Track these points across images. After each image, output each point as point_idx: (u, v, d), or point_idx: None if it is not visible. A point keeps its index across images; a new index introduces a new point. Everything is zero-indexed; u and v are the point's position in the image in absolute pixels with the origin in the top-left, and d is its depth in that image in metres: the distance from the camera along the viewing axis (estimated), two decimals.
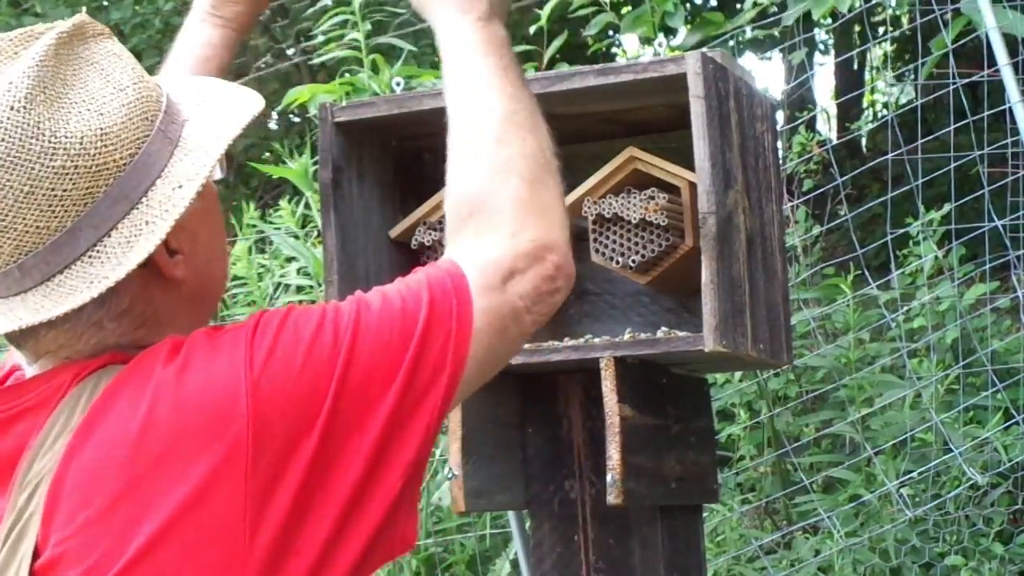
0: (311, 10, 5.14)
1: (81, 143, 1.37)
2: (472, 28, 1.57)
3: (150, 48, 9.34)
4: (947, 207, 4.62)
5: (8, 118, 1.36)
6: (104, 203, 1.38)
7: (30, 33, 1.43)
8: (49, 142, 1.36)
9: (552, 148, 1.56)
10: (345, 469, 1.36)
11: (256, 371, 1.34)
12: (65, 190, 1.36)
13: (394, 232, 2.15)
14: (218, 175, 1.48)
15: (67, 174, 1.36)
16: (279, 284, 4.51)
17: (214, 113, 1.48)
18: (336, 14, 4.26)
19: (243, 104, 1.49)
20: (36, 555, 1.35)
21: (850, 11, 4.24)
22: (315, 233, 4.39)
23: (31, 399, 1.42)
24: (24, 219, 1.36)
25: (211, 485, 1.32)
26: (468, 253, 1.47)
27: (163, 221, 1.39)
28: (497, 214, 1.49)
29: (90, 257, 1.38)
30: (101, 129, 1.38)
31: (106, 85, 1.41)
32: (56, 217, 1.37)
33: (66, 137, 1.37)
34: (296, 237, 4.42)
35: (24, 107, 1.36)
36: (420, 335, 1.40)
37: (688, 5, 9.56)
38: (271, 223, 4.74)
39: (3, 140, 1.35)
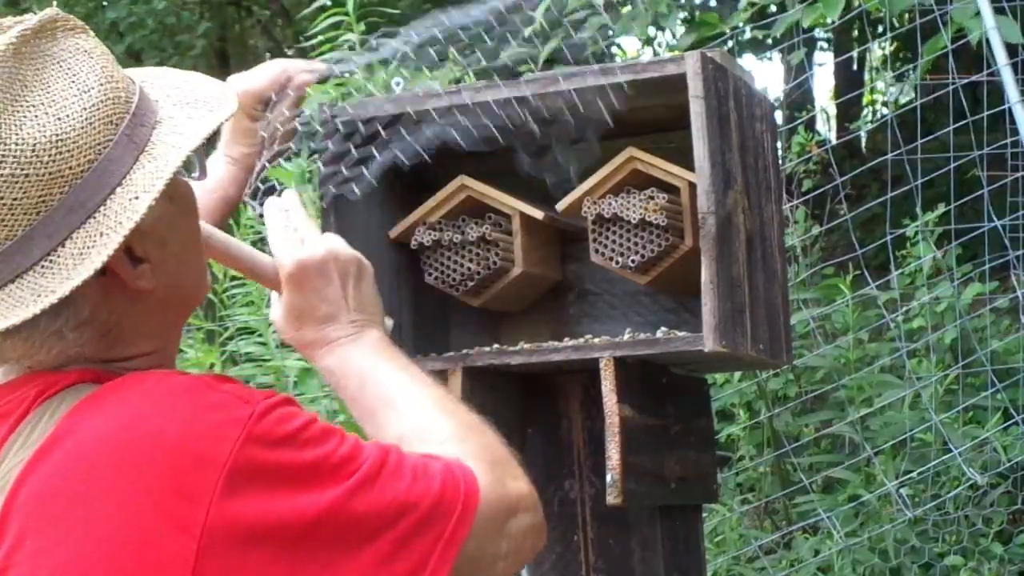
0: (307, 10, 5.13)
1: (33, 150, 1.30)
2: (350, 349, 1.56)
3: (151, 48, 9.34)
4: (941, 207, 4.62)
5: None
6: (59, 212, 1.32)
7: None
8: None
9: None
10: None
11: (241, 460, 1.28)
12: (15, 199, 1.30)
13: (394, 232, 2.15)
14: (193, 175, 1.43)
15: (16, 182, 1.30)
16: None
17: (186, 117, 1.42)
18: (332, 14, 4.26)
19: (216, 107, 1.44)
20: None
21: (845, 13, 4.24)
22: None
23: None
24: None
25: (162, 553, 1.26)
26: (482, 473, 1.41)
27: (116, 233, 1.32)
28: (489, 454, 1.45)
29: (42, 267, 1.32)
30: (56, 135, 1.31)
31: (70, 86, 1.34)
32: (6, 226, 1.31)
33: (16, 144, 1.30)
34: None
35: None
36: (418, 518, 1.35)
37: (686, 5, 9.55)
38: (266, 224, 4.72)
39: None
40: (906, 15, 6.14)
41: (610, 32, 4.50)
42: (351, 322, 1.59)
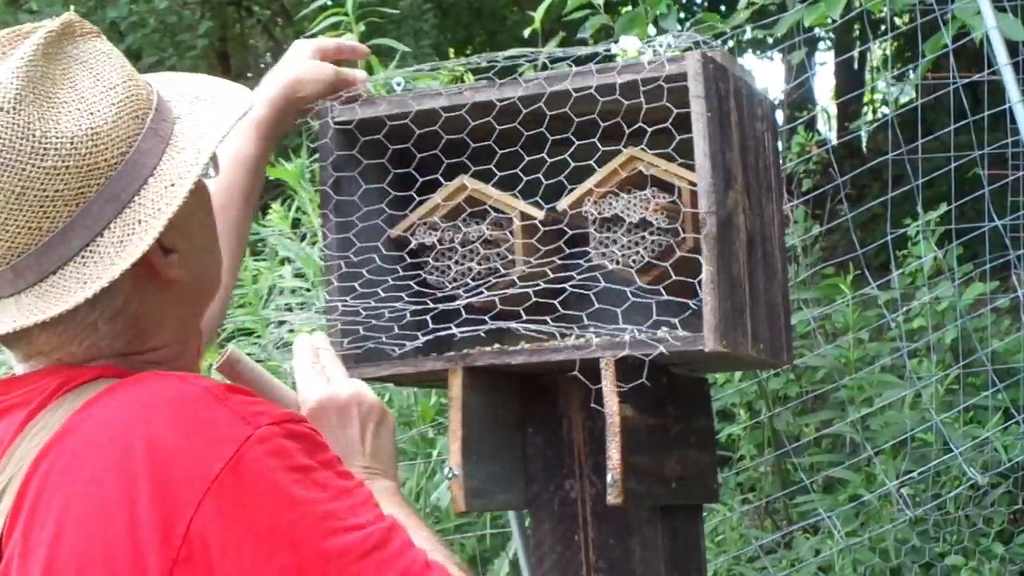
0: (307, 10, 5.14)
1: (72, 143, 1.36)
2: None
3: (149, 47, 9.34)
4: (942, 207, 4.62)
5: None
6: (96, 203, 1.37)
7: (18, 33, 1.42)
8: (40, 143, 1.35)
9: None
10: None
11: (228, 480, 1.30)
12: (57, 190, 1.36)
13: (394, 232, 2.15)
14: (210, 174, 1.47)
15: (58, 174, 1.36)
16: (273, 286, 4.50)
17: (206, 111, 1.48)
18: (332, 14, 4.26)
19: (234, 102, 1.49)
20: (0, 557, 1.35)
21: (846, 13, 4.24)
22: (308, 234, 4.39)
23: (18, 396, 1.41)
24: (16, 220, 1.36)
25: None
26: None
27: (155, 220, 1.38)
28: None
29: (83, 257, 1.37)
30: (91, 128, 1.38)
31: (95, 84, 1.40)
32: (48, 218, 1.36)
33: (56, 137, 1.36)
34: (289, 238, 4.42)
35: (14, 108, 1.35)
36: None
37: (687, 4, 9.55)
38: (264, 225, 4.73)
39: None
40: (907, 14, 6.14)
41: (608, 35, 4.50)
42: (364, 468, 1.59)
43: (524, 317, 2.07)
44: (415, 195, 2.16)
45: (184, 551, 1.28)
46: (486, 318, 2.10)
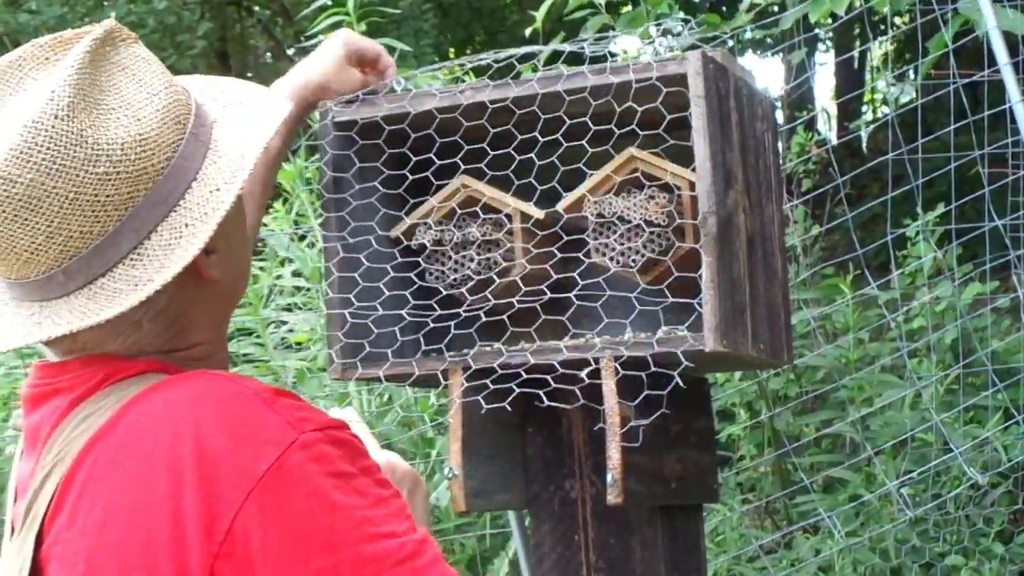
0: (308, 10, 5.13)
1: (122, 149, 1.40)
2: None
3: (149, 48, 9.34)
4: (942, 207, 4.61)
5: (53, 127, 1.38)
6: (144, 207, 1.41)
7: (60, 39, 1.47)
8: (92, 149, 1.39)
9: None
10: None
11: (272, 482, 1.34)
12: (108, 196, 1.40)
13: (394, 232, 2.15)
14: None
15: (110, 180, 1.40)
16: (273, 286, 4.50)
17: (242, 115, 1.51)
18: (332, 14, 4.26)
19: (269, 106, 1.53)
20: (42, 540, 1.40)
21: (848, 12, 4.24)
22: (308, 235, 4.39)
23: (63, 382, 1.45)
24: (69, 225, 1.39)
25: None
26: None
27: (204, 224, 1.42)
28: None
29: (131, 260, 1.41)
30: (139, 135, 1.41)
31: (139, 91, 1.45)
32: (99, 222, 1.40)
33: (108, 144, 1.40)
34: (291, 239, 4.41)
35: (68, 115, 1.39)
36: None
37: (686, 4, 9.54)
38: (264, 225, 4.72)
39: (49, 148, 1.38)
40: (906, 14, 6.14)
41: (611, 31, 4.50)
42: None
43: (517, 311, 2.06)
44: (415, 195, 2.16)
45: (227, 547, 1.32)
46: (483, 316, 2.10)
